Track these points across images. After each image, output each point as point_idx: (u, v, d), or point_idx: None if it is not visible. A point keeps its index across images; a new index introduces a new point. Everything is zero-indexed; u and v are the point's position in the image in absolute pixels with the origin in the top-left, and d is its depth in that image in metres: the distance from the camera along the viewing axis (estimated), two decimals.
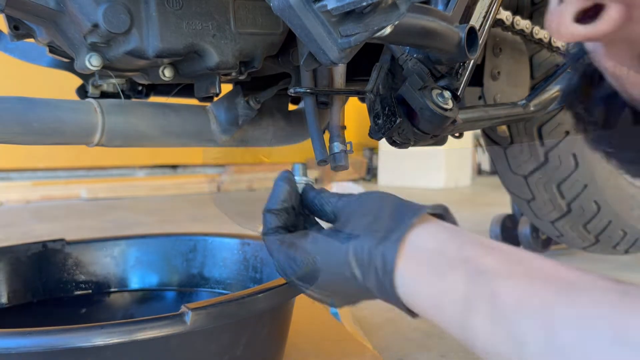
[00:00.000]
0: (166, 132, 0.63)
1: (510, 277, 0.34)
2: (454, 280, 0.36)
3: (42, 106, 0.55)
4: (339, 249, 0.42)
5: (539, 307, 0.31)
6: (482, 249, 0.36)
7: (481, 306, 0.34)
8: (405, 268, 0.38)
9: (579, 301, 0.31)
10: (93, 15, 0.52)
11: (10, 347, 0.42)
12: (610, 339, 0.28)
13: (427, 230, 0.39)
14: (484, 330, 0.33)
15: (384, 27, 0.43)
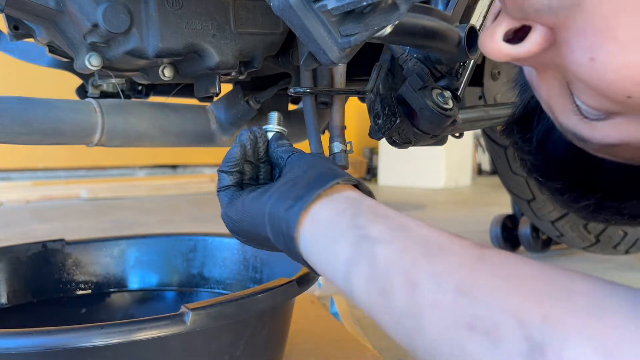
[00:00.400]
0: (166, 132, 0.63)
1: (391, 241, 0.38)
2: (343, 245, 0.40)
3: (42, 106, 0.55)
4: (260, 211, 0.47)
5: (406, 266, 0.36)
6: (373, 217, 0.41)
7: (361, 266, 0.38)
8: (304, 235, 0.43)
9: (439, 262, 0.35)
10: (93, 15, 0.52)
11: (10, 347, 0.42)
12: (454, 293, 0.33)
13: (330, 200, 0.43)
14: (360, 285, 0.38)
15: (384, 27, 0.43)
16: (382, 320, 0.38)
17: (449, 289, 0.34)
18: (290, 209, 0.44)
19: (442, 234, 0.38)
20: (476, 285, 0.33)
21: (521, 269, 0.34)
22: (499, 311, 0.32)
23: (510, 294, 0.32)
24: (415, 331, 0.35)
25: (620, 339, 0.28)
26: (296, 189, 0.45)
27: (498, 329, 0.31)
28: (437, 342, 0.34)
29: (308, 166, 0.48)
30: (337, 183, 0.44)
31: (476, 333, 0.32)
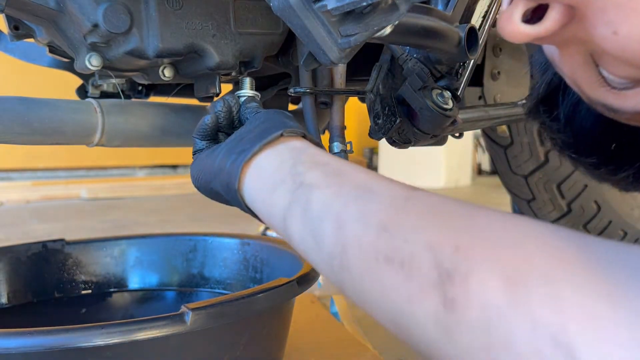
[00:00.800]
0: (166, 132, 0.63)
1: (326, 187, 0.40)
2: (281, 193, 0.42)
3: (42, 106, 0.55)
4: (211, 166, 0.49)
5: (337, 209, 0.38)
6: (311, 165, 0.42)
7: (296, 212, 0.40)
8: (247, 185, 0.46)
9: (368, 204, 0.37)
10: (93, 15, 0.52)
11: (10, 347, 0.42)
12: (377, 230, 0.35)
13: (273, 151, 0.45)
14: (296, 230, 0.40)
15: (384, 27, 0.43)
16: (315, 262, 0.39)
17: (373, 227, 0.35)
18: (234, 162, 0.46)
19: (377, 178, 0.40)
20: (399, 222, 0.34)
21: (447, 207, 0.35)
22: (415, 243, 0.32)
23: (428, 227, 0.33)
24: (342, 269, 0.36)
25: (526, 268, 0.28)
26: (242, 142, 0.47)
27: (412, 260, 0.32)
28: (359, 278, 0.35)
29: (260, 121, 0.50)
30: (281, 135, 0.46)
31: (393, 265, 0.33)
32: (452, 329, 0.30)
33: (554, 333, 0.26)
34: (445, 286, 0.30)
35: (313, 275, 0.59)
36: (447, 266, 0.30)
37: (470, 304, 0.29)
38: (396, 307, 0.33)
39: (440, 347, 0.31)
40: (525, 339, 0.27)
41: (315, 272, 0.60)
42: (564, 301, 0.27)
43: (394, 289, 0.33)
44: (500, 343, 0.28)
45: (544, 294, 0.27)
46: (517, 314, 0.27)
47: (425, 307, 0.31)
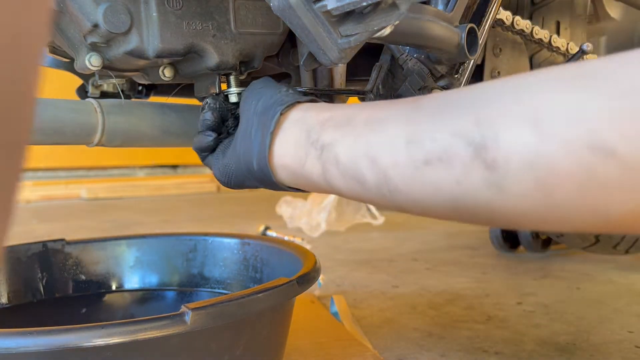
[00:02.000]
0: (166, 132, 0.63)
1: (343, 138, 0.44)
2: (311, 164, 0.46)
3: (42, 106, 0.55)
4: (238, 168, 0.54)
5: (363, 150, 0.42)
6: (320, 126, 0.46)
7: (332, 171, 0.45)
8: (280, 174, 0.50)
9: (385, 131, 0.41)
10: (93, 15, 0.52)
11: (11, 347, 0.42)
12: (404, 146, 0.39)
13: (284, 133, 0.49)
14: (340, 185, 0.45)
15: (384, 27, 0.43)
16: (370, 200, 0.44)
17: (399, 145, 0.39)
18: (259, 159, 0.50)
19: (380, 108, 0.43)
20: (417, 130, 0.38)
21: (448, 98, 0.39)
22: (441, 138, 0.37)
23: (444, 120, 0.37)
24: (393, 193, 0.40)
25: (539, 106, 0.32)
26: (253, 136, 0.51)
27: (447, 152, 0.36)
28: (410, 191, 0.39)
29: (254, 111, 0.53)
30: (280, 114, 0.50)
31: (433, 165, 0.37)
32: (503, 184, 0.34)
33: (588, 142, 0.30)
34: (482, 155, 0.34)
35: (313, 275, 0.59)
36: (477, 139, 0.34)
37: (509, 156, 0.33)
38: (451, 195, 0.37)
39: (500, 206, 0.35)
40: (565, 160, 0.31)
41: (315, 272, 0.60)
42: (585, 114, 0.30)
43: (443, 182, 0.37)
44: (545, 174, 0.32)
45: (564, 118, 0.31)
46: (550, 144, 0.31)
47: (474, 180, 0.35)
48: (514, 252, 1.36)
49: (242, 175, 0.54)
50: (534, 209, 0.34)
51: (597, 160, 0.30)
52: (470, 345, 0.77)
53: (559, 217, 0.33)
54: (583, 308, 0.93)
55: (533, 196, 0.33)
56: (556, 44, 0.85)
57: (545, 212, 0.33)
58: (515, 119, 0.33)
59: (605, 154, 0.29)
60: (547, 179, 0.32)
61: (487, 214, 0.36)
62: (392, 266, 1.26)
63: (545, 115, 0.32)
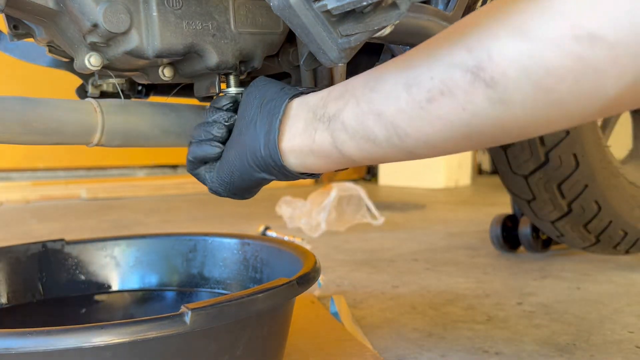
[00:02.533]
0: (166, 132, 0.63)
1: (346, 104, 0.46)
2: (321, 137, 0.48)
3: (42, 106, 0.55)
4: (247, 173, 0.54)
5: (366, 109, 0.44)
6: (323, 103, 0.48)
7: (342, 137, 0.46)
8: (291, 161, 0.51)
9: (382, 85, 0.43)
10: (93, 15, 0.52)
11: (11, 347, 0.42)
12: (405, 91, 0.41)
13: (291, 119, 0.51)
14: (352, 149, 0.46)
15: (384, 27, 0.43)
16: (386, 156, 0.45)
17: (400, 93, 0.41)
18: (269, 145, 0.51)
19: (375, 69, 0.45)
20: (414, 74, 0.40)
21: (437, 39, 0.40)
22: (438, 74, 0.38)
23: (438, 59, 0.39)
24: (405, 139, 0.42)
25: (520, 18, 0.35)
26: (258, 127, 0.52)
27: (447, 83, 0.38)
28: (422, 131, 0.41)
29: (257, 105, 0.54)
30: (288, 101, 0.51)
31: (437, 100, 0.39)
32: (506, 98, 0.36)
33: (572, 35, 0.32)
34: (480, 76, 0.36)
35: (313, 275, 0.59)
36: (472, 63, 0.36)
37: (505, 69, 0.35)
38: (460, 123, 0.39)
39: (508, 118, 0.37)
40: (556, 56, 0.33)
41: (315, 272, 0.60)
42: (565, 11, 0.32)
43: (450, 113, 0.38)
44: (541, 75, 0.34)
45: (547, 20, 0.33)
46: (539, 46, 0.33)
47: (478, 101, 0.37)
48: (514, 252, 1.36)
49: (247, 169, 0.53)
50: (539, 111, 0.36)
51: (585, 48, 0.32)
52: (470, 346, 0.77)
53: (563, 111, 0.35)
54: (583, 308, 0.93)
55: (535, 98, 0.35)
56: None
57: (549, 111, 0.36)
58: (503, 34, 0.35)
59: (590, 40, 0.32)
60: (544, 79, 0.34)
61: (498, 130, 0.38)
62: (392, 266, 1.26)
63: (529, 22, 0.34)
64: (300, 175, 0.53)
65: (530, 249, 1.32)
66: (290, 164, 0.51)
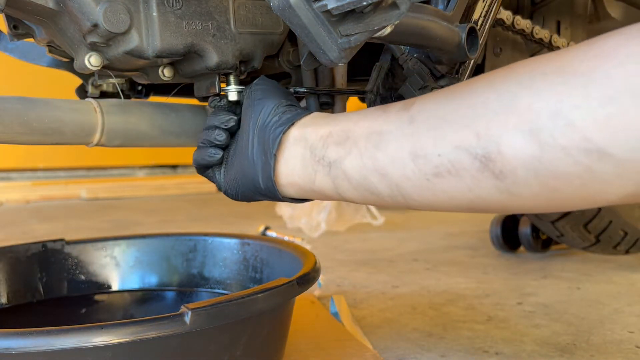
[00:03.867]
0: (166, 132, 0.63)
1: (348, 154, 0.46)
2: (321, 180, 0.49)
3: (42, 106, 0.55)
4: (245, 186, 0.55)
5: (371, 166, 0.45)
6: (323, 143, 0.49)
7: (344, 185, 0.47)
8: (288, 190, 0.52)
9: (387, 146, 0.44)
10: (93, 15, 0.52)
11: (11, 347, 0.42)
12: (411, 161, 0.42)
13: (288, 154, 0.51)
14: (353, 196, 0.48)
15: (384, 27, 0.43)
16: (384, 206, 0.47)
17: (406, 160, 0.42)
18: (265, 179, 0.52)
19: (374, 119, 0.46)
20: (421, 144, 0.41)
21: (444, 109, 0.41)
22: (447, 153, 0.40)
23: (445, 136, 0.40)
24: (406, 200, 0.44)
25: (530, 116, 0.35)
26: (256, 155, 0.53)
27: (454, 165, 0.39)
28: (423, 198, 0.43)
29: (252, 126, 0.54)
30: (282, 135, 0.51)
31: (443, 177, 0.40)
32: (512, 189, 0.38)
33: (584, 148, 0.33)
34: (489, 167, 0.37)
35: (313, 275, 0.59)
36: (481, 152, 0.38)
37: (514, 166, 0.36)
38: (464, 199, 0.41)
39: (511, 204, 0.39)
40: (565, 165, 0.34)
41: (315, 272, 0.60)
42: (578, 122, 0.33)
43: (455, 190, 0.40)
44: (549, 178, 0.35)
45: (560, 127, 0.34)
46: (550, 153, 0.35)
47: (485, 187, 0.39)
48: (514, 252, 1.36)
49: (250, 190, 0.55)
50: (541, 204, 0.38)
51: (594, 161, 0.33)
52: (470, 346, 0.77)
53: (566, 204, 0.38)
54: (583, 308, 0.93)
55: (540, 195, 0.37)
56: (557, 43, 0.85)
57: (551, 205, 0.38)
58: (513, 130, 0.36)
59: (600, 155, 0.33)
60: (551, 181, 0.36)
61: (500, 209, 0.40)
62: (392, 266, 1.26)
63: (541, 124, 0.35)
64: (299, 201, 0.54)
65: (530, 249, 1.32)
66: (290, 194, 0.53)
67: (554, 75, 0.35)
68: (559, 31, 0.91)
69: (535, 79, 0.36)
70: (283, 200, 0.54)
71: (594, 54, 0.34)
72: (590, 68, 0.33)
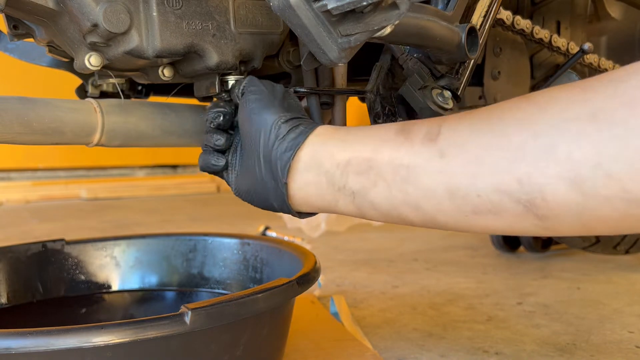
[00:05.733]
0: (166, 132, 0.63)
1: (374, 186, 0.45)
2: (344, 206, 0.48)
3: (42, 106, 0.55)
4: (255, 192, 0.54)
5: (401, 199, 0.44)
6: (342, 171, 0.47)
7: (371, 213, 0.47)
8: (307, 210, 0.52)
9: (418, 180, 0.43)
10: (93, 15, 0.52)
11: (11, 347, 0.42)
12: (447, 197, 0.41)
13: (304, 176, 0.49)
14: (381, 219, 0.47)
15: (384, 27, 0.43)
16: (417, 226, 0.47)
17: (442, 196, 0.42)
18: (279, 204, 0.51)
19: (396, 146, 0.45)
20: (456, 183, 0.41)
21: (475, 145, 0.41)
22: (487, 194, 0.39)
23: (484, 176, 0.40)
24: (441, 226, 0.44)
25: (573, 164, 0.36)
26: (267, 183, 0.51)
27: (495, 207, 0.39)
28: (461, 227, 0.43)
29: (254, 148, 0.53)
30: (290, 166, 0.49)
31: (482, 215, 0.40)
32: (552, 227, 0.39)
33: (623, 197, 0.35)
34: (533, 211, 0.38)
35: (313, 275, 0.59)
36: (524, 198, 0.38)
37: (558, 212, 0.37)
38: (502, 231, 0.41)
39: (545, 233, 0.40)
40: (606, 211, 0.36)
41: (315, 272, 0.60)
42: (618, 172, 0.34)
43: (494, 226, 0.41)
44: (590, 220, 0.37)
45: (601, 177, 0.35)
46: (593, 202, 0.36)
47: (526, 225, 0.39)
48: (514, 252, 1.36)
49: (264, 207, 0.55)
50: (572, 234, 0.40)
51: (632, 207, 0.35)
52: (470, 346, 0.77)
53: (592, 234, 0.40)
54: (583, 308, 0.93)
55: (579, 231, 0.39)
56: (556, 43, 0.85)
57: (580, 233, 0.40)
58: (556, 179, 0.37)
59: (637, 203, 0.35)
60: (591, 223, 0.38)
61: (534, 234, 0.42)
62: (392, 266, 1.26)
63: (583, 175, 0.36)
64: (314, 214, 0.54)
65: (530, 249, 1.32)
66: (305, 210, 0.53)
67: (588, 122, 0.36)
68: (559, 31, 0.91)
69: (570, 123, 0.36)
70: (301, 217, 0.54)
71: (623, 100, 0.34)
72: (623, 118, 0.34)
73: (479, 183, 0.40)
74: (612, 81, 0.36)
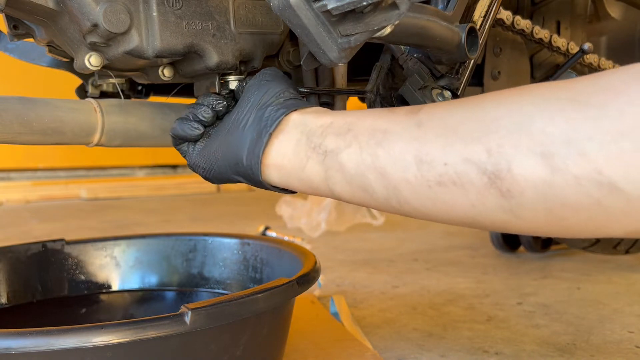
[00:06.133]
0: (166, 132, 0.63)
1: (347, 146, 0.45)
2: (312, 167, 0.47)
3: (42, 106, 0.55)
4: (223, 159, 0.53)
5: (370, 162, 0.43)
6: (322, 132, 0.47)
7: (336, 177, 0.46)
8: (273, 173, 0.50)
9: (391, 145, 0.42)
10: (93, 15, 0.52)
11: (11, 347, 0.42)
12: (415, 164, 0.41)
13: (284, 136, 0.49)
14: (343, 191, 0.46)
15: (384, 27, 0.43)
16: (375, 207, 0.46)
17: (410, 163, 0.41)
18: (251, 155, 0.50)
19: (380, 116, 0.45)
20: (427, 150, 0.40)
21: (452, 118, 0.40)
22: (454, 163, 0.39)
23: (454, 146, 0.39)
24: (402, 204, 0.43)
25: (546, 139, 0.35)
26: (247, 131, 0.51)
27: (460, 177, 0.38)
28: (421, 205, 0.42)
29: (251, 104, 0.53)
30: (284, 116, 0.50)
31: (447, 186, 0.39)
32: (517, 211, 0.37)
33: (596, 179, 0.33)
34: (497, 184, 0.37)
35: (313, 275, 0.59)
36: (490, 169, 0.37)
37: (523, 188, 0.36)
38: (465, 214, 0.40)
39: (513, 224, 0.38)
40: (575, 194, 0.34)
41: (315, 272, 0.60)
42: (591, 153, 0.33)
43: (457, 202, 0.39)
44: (557, 205, 0.35)
45: (573, 155, 0.34)
46: (561, 179, 0.34)
47: (489, 204, 0.38)
48: (514, 252, 1.36)
49: (227, 167, 0.53)
50: (545, 229, 0.38)
51: (604, 195, 0.33)
52: (470, 346, 0.77)
53: (565, 233, 0.38)
54: (583, 308, 0.93)
55: (545, 221, 0.37)
56: (556, 43, 0.85)
57: (554, 231, 0.38)
58: (526, 151, 0.35)
59: (611, 189, 0.33)
60: (559, 209, 0.36)
61: (500, 228, 0.40)
62: (392, 266, 1.26)
63: (554, 150, 0.34)
64: (277, 189, 0.52)
65: (530, 249, 1.32)
66: (271, 179, 0.51)
67: (567, 102, 0.35)
68: (559, 31, 0.91)
69: (549, 102, 0.36)
70: (260, 185, 0.52)
71: (603, 87, 0.34)
72: (601, 102, 0.33)
73: (449, 151, 0.39)
74: (597, 75, 0.36)
